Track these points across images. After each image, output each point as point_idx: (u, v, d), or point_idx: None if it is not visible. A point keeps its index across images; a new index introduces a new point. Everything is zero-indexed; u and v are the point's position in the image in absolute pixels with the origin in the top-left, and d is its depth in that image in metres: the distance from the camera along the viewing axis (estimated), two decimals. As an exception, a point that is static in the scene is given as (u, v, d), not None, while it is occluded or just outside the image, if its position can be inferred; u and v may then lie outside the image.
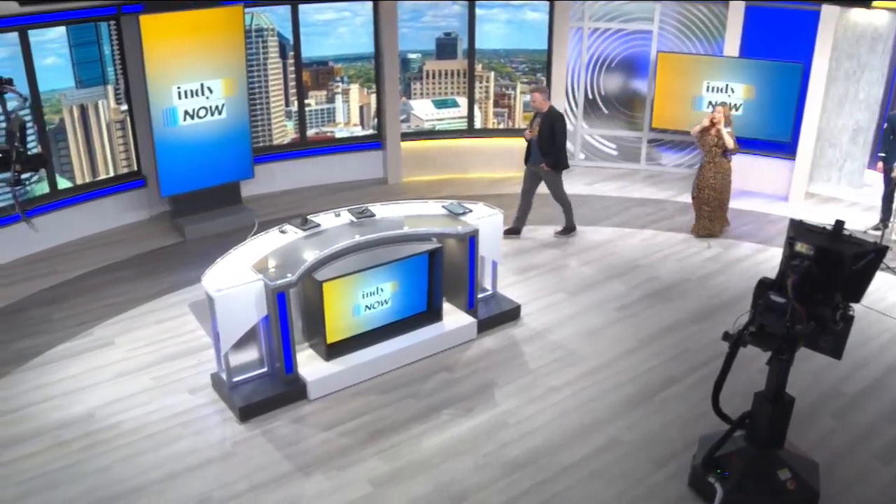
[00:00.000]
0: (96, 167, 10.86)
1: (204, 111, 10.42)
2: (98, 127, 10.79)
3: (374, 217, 8.03)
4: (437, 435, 6.76)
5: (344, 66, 12.35)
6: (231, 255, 7.37)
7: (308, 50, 12.00)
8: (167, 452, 6.60)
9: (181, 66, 10.08)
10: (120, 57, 10.66)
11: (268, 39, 11.67)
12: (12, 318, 8.76)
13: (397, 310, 7.79)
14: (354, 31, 12.19)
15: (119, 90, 10.83)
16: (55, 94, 10.29)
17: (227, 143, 10.72)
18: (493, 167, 12.57)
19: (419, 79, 12.69)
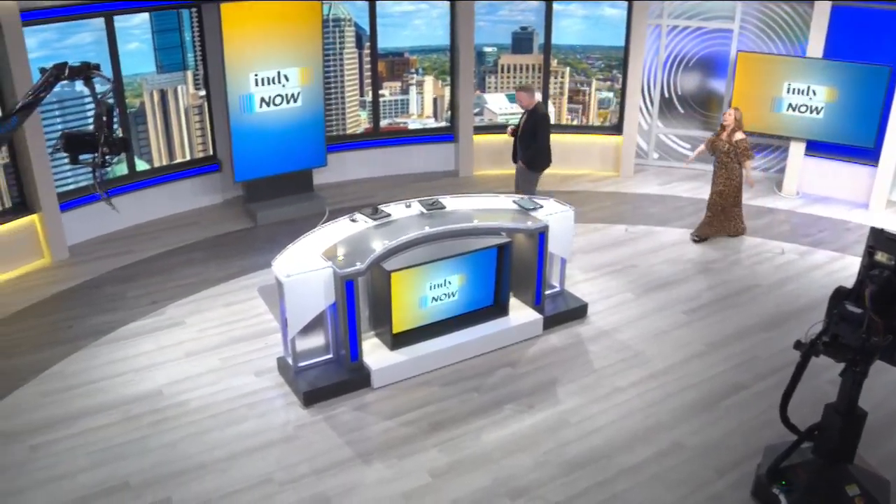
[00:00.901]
0: (173, 151, 11.10)
1: (280, 99, 10.55)
2: (176, 111, 11.02)
3: (444, 209, 8.03)
4: (498, 430, 6.75)
5: (419, 58, 12.38)
6: (301, 241, 7.45)
7: (384, 41, 12.06)
8: (232, 432, 6.72)
9: (259, 53, 10.22)
10: (200, 43, 10.86)
11: (344, 30, 11.76)
12: (89, 294, 9.02)
13: (464, 303, 7.79)
14: (430, 23, 12.20)
15: (198, 76, 11.03)
16: (137, 78, 10.54)
17: (301, 131, 10.83)
18: (565, 163, 12.47)
19: (494, 72, 12.65)
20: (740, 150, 9.83)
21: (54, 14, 9.38)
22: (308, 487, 6.11)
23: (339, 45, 11.78)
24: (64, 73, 5.30)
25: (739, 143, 9.85)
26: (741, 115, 10.01)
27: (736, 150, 9.83)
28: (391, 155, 12.33)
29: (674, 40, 12.44)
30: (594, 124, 12.81)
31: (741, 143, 9.85)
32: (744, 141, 9.88)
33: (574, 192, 11.50)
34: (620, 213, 11.00)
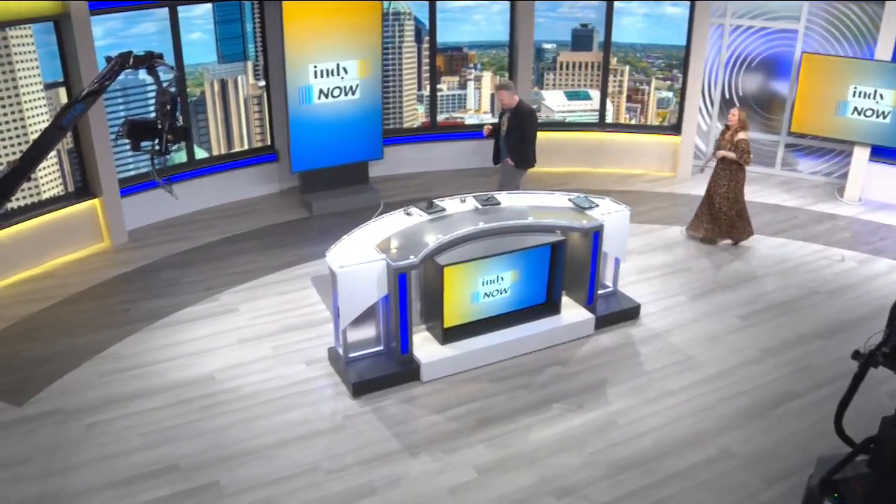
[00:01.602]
0: (232, 140, 11.24)
1: (338, 91, 10.61)
2: (236, 101, 11.16)
3: (499, 205, 8.01)
4: (546, 428, 6.72)
5: (478, 53, 12.37)
6: (356, 233, 7.49)
7: (443, 35, 12.07)
8: (281, 420, 6.80)
9: (319, 45, 10.29)
10: (261, 34, 10.99)
11: (404, 23, 11.79)
12: (146, 279, 9.19)
13: (516, 299, 7.77)
14: (490, 18, 12.18)
15: (258, 67, 11.16)
16: (198, 68, 10.69)
17: (359, 124, 10.89)
18: (622, 162, 12.37)
19: (552, 69, 12.58)
20: (739, 151, 9.55)
21: (121, 4, 9.56)
22: (354, 477, 6.15)
23: (398, 39, 11.81)
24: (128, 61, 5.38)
25: (740, 143, 9.56)
26: (746, 116, 9.77)
27: (736, 149, 9.58)
28: (447, 149, 12.33)
29: (736, 40, 12.24)
30: (652, 124, 12.67)
31: (741, 143, 9.56)
32: (744, 142, 9.58)
33: (630, 191, 11.39)
34: (677, 215, 10.87)
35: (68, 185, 9.84)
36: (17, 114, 9.10)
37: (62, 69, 9.41)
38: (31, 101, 9.19)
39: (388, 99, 11.83)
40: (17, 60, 8.98)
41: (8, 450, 6.51)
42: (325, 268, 7.24)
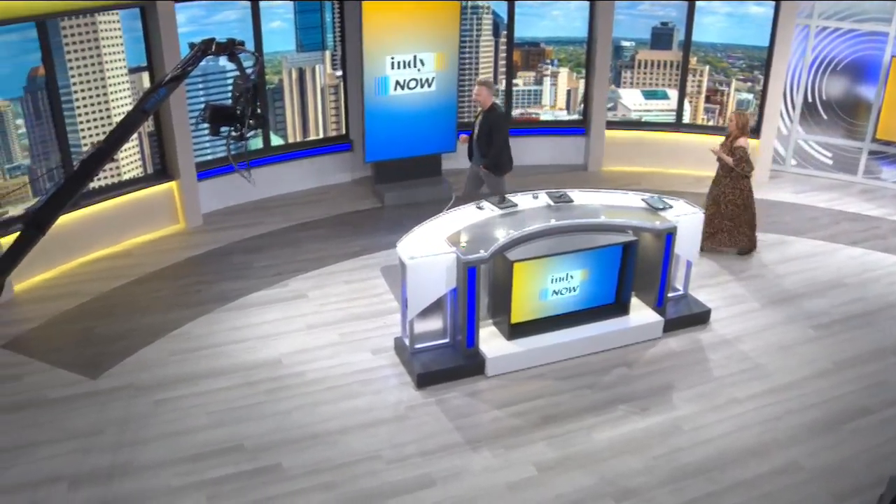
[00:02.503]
0: (307, 128, 11.36)
1: (414, 83, 10.64)
2: (313, 90, 11.27)
3: (571, 203, 7.94)
4: (609, 429, 6.65)
5: (555, 49, 12.28)
6: (427, 225, 7.52)
7: (521, 30, 12.01)
8: (345, 406, 6.87)
9: (396, 37, 10.33)
10: (340, 24, 11.07)
11: (482, 17, 11.76)
12: (218, 262, 9.37)
13: (584, 298, 7.71)
14: (569, 14, 12.07)
15: (336, 56, 11.25)
16: (277, 56, 10.82)
17: (434, 116, 10.91)
18: (698, 164, 12.13)
19: (630, 67, 12.41)
20: (737, 159, 9.16)
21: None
22: (414, 468, 6.18)
23: (475, 33, 11.79)
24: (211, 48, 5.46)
25: (736, 149, 9.19)
26: (746, 120, 9.32)
27: (733, 156, 9.19)
28: (521, 145, 12.22)
29: (822, 42, 11.92)
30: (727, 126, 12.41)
31: (738, 150, 9.18)
32: (741, 149, 9.18)
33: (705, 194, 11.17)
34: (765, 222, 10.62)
35: (147, 168, 10.08)
36: (102, 97, 9.34)
37: (146, 54, 9.64)
38: (116, 84, 9.43)
39: (464, 92, 11.82)
40: (104, 45, 9.22)
41: (82, 420, 6.73)
42: (395, 258, 7.28)
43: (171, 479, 6.05)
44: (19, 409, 6.89)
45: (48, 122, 9.00)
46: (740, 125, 9.22)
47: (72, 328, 8.14)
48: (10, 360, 7.60)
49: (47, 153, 9.10)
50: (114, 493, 5.93)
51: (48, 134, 9.04)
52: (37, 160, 9.04)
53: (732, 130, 9.27)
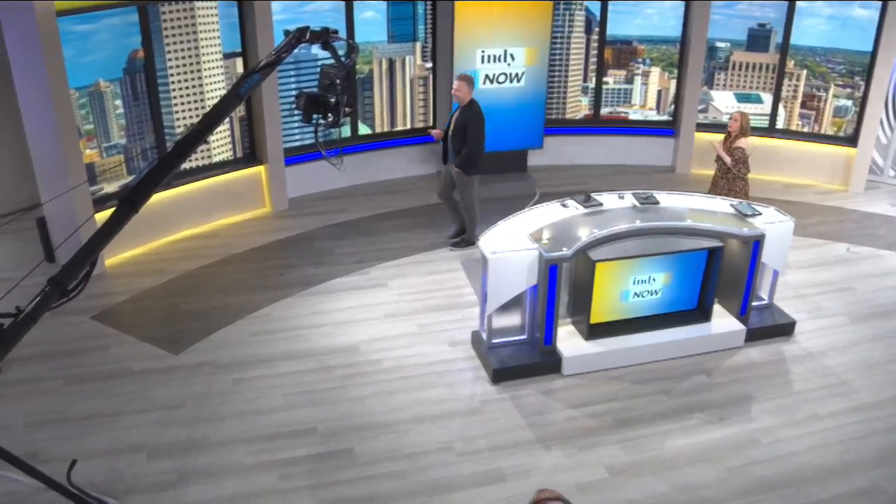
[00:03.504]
0: (395, 118, 11.43)
1: (503, 77, 10.63)
2: (402, 81, 11.33)
3: (657, 204, 7.81)
4: (684, 437, 6.52)
5: (647, 48, 12.09)
6: (510, 220, 7.49)
7: (614, 27, 11.87)
8: (419, 396, 6.90)
9: (488, 31, 10.32)
10: (431, 16, 11.10)
11: (575, 13, 11.65)
12: (302, 247, 9.51)
13: (666, 302, 7.58)
14: (663, 12, 11.87)
15: (426, 48, 11.29)
16: (368, 46, 10.90)
17: (522, 112, 10.88)
18: (791, 171, 11.83)
19: (724, 69, 12.14)
20: (734, 160, 8.88)
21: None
22: (485, 462, 6.16)
23: (567, 29, 11.69)
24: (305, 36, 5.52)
25: (735, 150, 8.89)
26: (748, 121, 9.02)
27: (731, 157, 8.91)
28: (608, 144, 12.14)
29: (930, 49, 11.46)
30: (826, 133, 12.04)
31: (737, 150, 8.88)
32: (741, 150, 8.88)
33: (796, 202, 10.89)
34: (844, 231, 10.31)
35: (237, 151, 10.28)
36: (197, 80, 9.56)
37: (241, 40, 9.83)
38: (210, 69, 9.65)
39: (553, 88, 11.74)
40: (201, 31, 9.44)
41: (163, 393, 6.93)
42: (477, 252, 7.27)
43: (245, 456, 6.17)
44: (105, 379, 7.13)
45: (144, 104, 9.26)
46: (744, 125, 8.95)
47: (157, 304, 8.38)
48: (99, 331, 7.87)
49: (142, 133, 9.36)
50: (189, 466, 6.07)
51: (144, 115, 9.30)
52: (132, 140, 9.31)
53: (734, 131, 8.98)
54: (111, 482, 5.88)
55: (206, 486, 5.88)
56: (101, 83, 8.90)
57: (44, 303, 4.27)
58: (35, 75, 8.18)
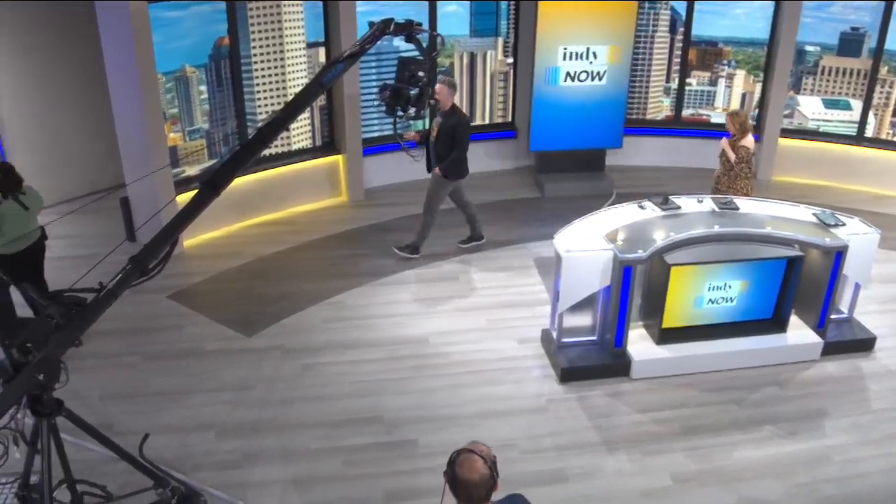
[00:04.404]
0: (474, 113, 11.42)
1: (585, 75, 10.53)
2: (483, 75, 11.32)
3: (737, 210, 7.65)
4: (753, 449, 6.37)
5: (733, 50, 11.83)
6: (586, 219, 7.44)
7: (699, 28, 11.64)
8: (485, 392, 6.90)
9: (571, 28, 10.24)
10: (514, 12, 11.06)
11: (660, 12, 11.48)
12: (375, 237, 9.61)
13: (741, 310, 7.43)
14: (752, 14, 11.60)
15: (508, 44, 11.25)
16: (450, 39, 10.92)
17: (602, 110, 10.76)
18: (879, 182, 11.45)
19: (812, 74, 11.82)
20: (739, 157, 8.58)
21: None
22: (548, 462, 6.14)
23: (651, 28, 11.53)
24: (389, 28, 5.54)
25: (739, 149, 8.58)
26: (743, 120, 8.63)
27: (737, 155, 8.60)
28: (689, 146, 11.93)
29: None
30: (918, 144, 11.63)
31: (741, 149, 8.57)
32: (745, 149, 8.57)
33: (884, 214, 10.54)
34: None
35: (316, 140, 10.41)
36: (280, 69, 9.70)
37: (324, 30, 9.94)
38: (293, 58, 9.78)
39: (634, 88, 11.60)
40: (286, 20, 9.57)
41: (234, 374, 7.08)
42: (551, 250, 7.23)
43: (311, 441, 6.26)
44: (179, 357, 7.32)
45: (228, 90, 9.44)
46: (739, 125, 8.62)
47: (232, 286, 8.55)
48: (175, 310, 8.07)
49: (224, 119, 9.54)
50: (257, 446, 6.19)
51: (227, 101, 9.48)
52: (214, 125, 9.50)
53: (734, 132, 8.69)
54: (180, 458, 6.03)
55: (271, 468, 5.99)
56: (188, 68, 9.10)
57: (125, 280, 4.37)
58: (125, 60, 8.41)
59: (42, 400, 4.45)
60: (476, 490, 3.25)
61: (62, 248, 8.75)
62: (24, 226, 7.01)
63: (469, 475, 3.24)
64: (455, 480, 3.28)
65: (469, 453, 3.30)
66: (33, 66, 9.87)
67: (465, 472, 3.25)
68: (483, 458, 3.29)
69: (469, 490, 3.26)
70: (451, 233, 9.63)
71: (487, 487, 3.28)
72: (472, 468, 3.25)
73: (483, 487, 3.26)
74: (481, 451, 3.32)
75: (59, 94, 10.15)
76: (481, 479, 3.25)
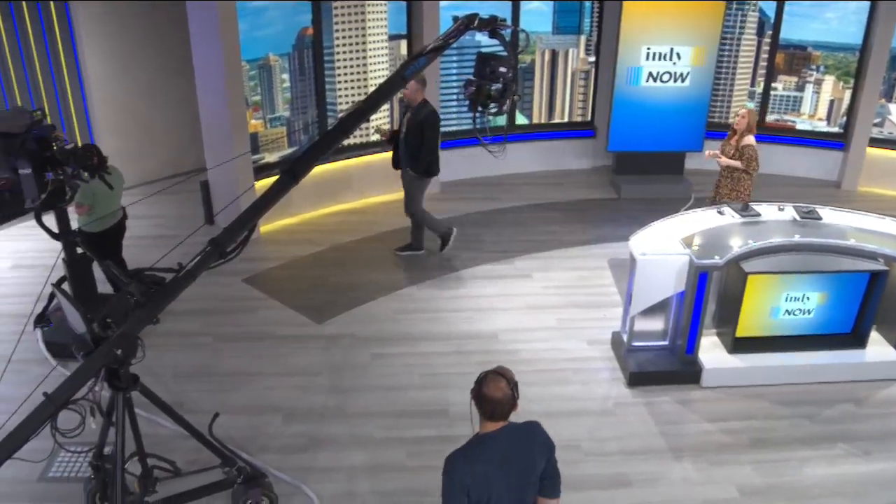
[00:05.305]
0: (553, 110, 11.37)
1: (667, 76, 10.39)
2: (563, 73, 11.26)
3: (819, 220, 7.45)
4: (824, 467, 6.19)
5: (823, 55, 11.52)
6: (663, 222, 7.36)
7: (788, 31, 11.36)
8: (552, 391, 6.86)
9: (656, 28, 10.13)
10: (598, 10, 10.97)
11: (747, 14, 11.25)
12: (449, 230, 9.62)
13: (818, 323, 7.23)
14: (844, 17, 11.27)
15: (590, 42, 11.17)
16: (532, 36, 10.88)
17: (683, 112, 10.61)
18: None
19: (907, 82, 11.46)
20: (746, 158, 8.25)
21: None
22: (612, 465, 6.08)
23: (738, 30, 11.31)
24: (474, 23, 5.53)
25: (746, 149, 8.26)
26: (755, 119, 8.49)
27: (742, 156, 8.27)
28: (771, 152, 11.61)
29: None
30: None
31: (748, 149, 8.25)
32: (751, 147, 8.26)
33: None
34: None
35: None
36: (361, 60, 9.80)
37: (406, 24, 10.00)
38: (375, 49, 9.86)
39: (717, 91, 11.39)
40: (369, 12, 9.65)
41: (303, 360, 7.19)
42: (625, 252, 7.16)
43: (376, 430, 6.31)
44: (250, 340, 7.46)
45: (310, 79, 9.56)
46: (751, 122, 8.43)
47: (305, 273, 8.67)
48: (249, 293, 8.23)
49: (305, 108, 9.67)
50: (323, 432, 6.28)
51: (308, 90, 9.61)
52: (295, 113, 9.63)
53: (742, 129, 8.41)
54: (247, 438, 6.15)
55: (335, 454, 6.06)
56: (271, 57, 9.25)
57: (203, 262, 4.47)
58: (211, 48, 8.59)
59: (119, 374, 4.59)
60: (499, 406, 3.71)
61: (142, 227, 8.97)
62: (110, 204, 7.24)
63: (493, 393, 3.68)
64: (481, 397, 3.72)
65: (495, 375, 3.74)
66: (122, 54, 10.21)
67: (490, 390, 3.69)
68: (507, 379, 3.72)
69: (493, 406, 3.70)
70: (524, 230, 9.63)
71: (509, 406, 3.72)
72: (497, 387, 3.69)
73: (505, 405, 3.71)
74: (506, 373, 3.76)
75: (145, 80, 10.47)
76: (504, 397, 3.69)
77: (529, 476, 3.89)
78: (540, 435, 3.94)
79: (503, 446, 3.79)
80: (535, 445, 3.91)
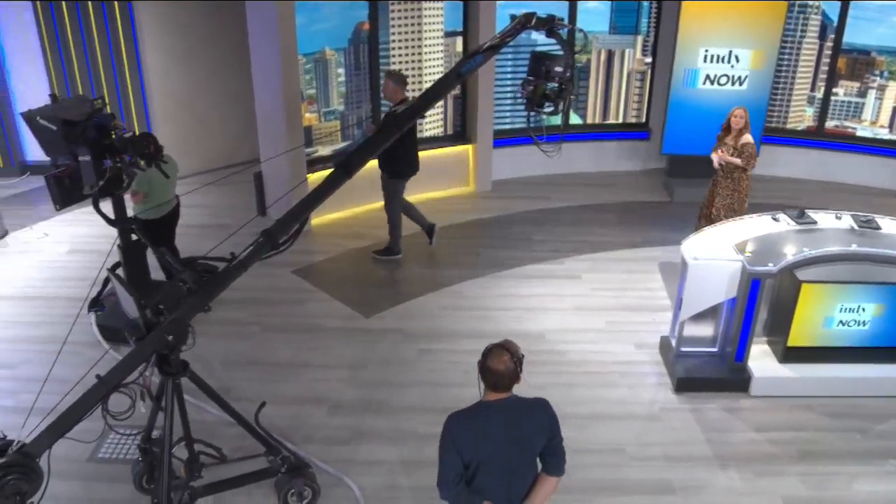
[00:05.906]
0: (608, 111, 11.30)
1: (725, 79, 10.26)
2: (619, 73, 11.18)
3: (878, 230, 7.28)
4: (873, 483, 6.04)
5: (888, 60, 11.27)
6: (716, 227, 7.27)
7: (851, 35, 11.12)
8: (598, 394, 6.82)
9: (714, 29, 10.01)
10: (656, 11, 10.87)
11: (809, 17, 11.04)
12: (499, 229, 9.66)
13: (874, 335, 7.07)
14: (912, 22, 11.03)
15: (647, 43, 11.07)
16: (589, 35, 10.82)
17: (740, 117, 10.46)
18: None
19: (974, 91, 11.16)
20: (746, 156, 8.13)
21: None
22: (656, 471, 6.02)
23: (799, 33, 11.10)
24: (531, 21, 5.52)
25: (745, 146, 8.14)
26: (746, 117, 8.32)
27: (741, 154, 8.13)
28: (830, 159, 11.44)
29: None
30: None
31: (747, 146, 8.13)
32: (751, 145, 8.16)
33: None
34: None
35: (448, 129, 10.48)
36: (417, 56, 9.82)
37: (462, 21, 10.00)
38: (431, 46, 9.87)
39: (776, 95, 11.21)
40: (426, 8, 9.67)
41: (350, 352, 7.25)
42: (676, 255, 7.09)
43: (419, 425, 6.33)
44: (298, 331, 7.54)
45: (365, 74, 9.61)
46: (748, 121, 8.36)
47: (354, 267, 8.74)
48: (298, 285, 8.32)
49: (360, 102, 9.72)
50: (366, 425, 6.32)
51: (363, 85, 9.66)
52: (349, 108, 9.70)
53: (740, 126, 8.30)
54: (292, 428, 6.22)
55: (377, 447, 6.10)
56: (327, 51, 9.32)
57: (255, 253, 4.53)
58: (268, 42, 8.69)
59: (169, 360, 4.67)
60: (501, 379, 3.89)
61: (195, 216, 9.10)
62: (165, 193, 7.36)
63: (496, 366, 3.87)
64: (485, 368, 3.91)
65: (500, 348, 3.91)
66: (181, 50, 10.44)
67: (494, 362, 3.88)
68: (511, 353, 3.89)
69: (495, 378, 3.89)
70: (574, 230, 9.58)
71: (511, 378, 3.90)
72: (500, 360, 3.87)
73: (507, 377, 3.89)
74: (511, 347, 3.93)
75: (203, 75, 10.67)
76: (506, 369, 3.87)
77: (524, 450, 4.05)
78: (543, 413, 4.08)
79: (500, 416, 3.96)
80: (535, 421, 4.04)
